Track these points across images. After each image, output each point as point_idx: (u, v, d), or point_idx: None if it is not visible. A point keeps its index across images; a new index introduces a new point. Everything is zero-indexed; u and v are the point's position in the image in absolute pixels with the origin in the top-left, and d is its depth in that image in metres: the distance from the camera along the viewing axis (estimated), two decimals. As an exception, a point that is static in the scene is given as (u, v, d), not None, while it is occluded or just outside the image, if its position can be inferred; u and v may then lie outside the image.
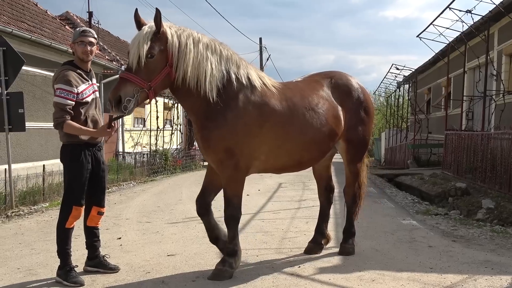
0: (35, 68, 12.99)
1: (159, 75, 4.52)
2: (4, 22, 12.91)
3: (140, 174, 17.16)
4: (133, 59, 4.42)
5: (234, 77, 4.86)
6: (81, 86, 4.83)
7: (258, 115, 4.88)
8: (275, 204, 10.26)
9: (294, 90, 5.28)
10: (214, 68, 4.74)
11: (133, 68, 4.42)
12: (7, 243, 6.78)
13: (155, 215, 8.93)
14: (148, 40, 4.41)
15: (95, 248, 5.20)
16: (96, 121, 4.99)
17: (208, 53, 4.75)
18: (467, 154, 14.07)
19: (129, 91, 4.37)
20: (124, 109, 4.37)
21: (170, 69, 4.58)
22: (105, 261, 5.21)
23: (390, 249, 6.17)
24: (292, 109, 5.09)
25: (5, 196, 10.01)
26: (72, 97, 4.72)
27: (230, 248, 4.98)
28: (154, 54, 4.45)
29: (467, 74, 19.10)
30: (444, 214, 9.31)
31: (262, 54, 40.87)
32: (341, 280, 4.89)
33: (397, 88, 34.89)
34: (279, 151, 5.08)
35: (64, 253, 4.86)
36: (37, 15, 16.96)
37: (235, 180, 4.93)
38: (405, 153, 24.46)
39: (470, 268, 5.33)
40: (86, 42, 4.89)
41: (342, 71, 5.92)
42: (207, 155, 5.03)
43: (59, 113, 4.71)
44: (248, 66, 5.10)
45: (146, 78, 4.44)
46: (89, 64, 5.05)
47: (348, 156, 5.73)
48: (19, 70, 9.63)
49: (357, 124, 5.60)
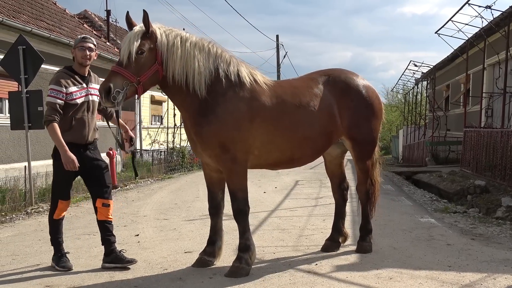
0: (54, 66, 13.10)
1: (148, 71, 4.68)
2: (24, 21, 13.07)
3: (158, 171, 17.25)
4: (124, 55, 4.60)
5: (224, 74, 4.96)
6: (71, 88, 5.15)
7: (248, 110, 4.94)
8: (292, 201, 10.25)
9: (286, 87, 5.35)
10: (201, 65, 4.86)
11: (123, 63, 4.60)
12: (27, 240, 6.87)
13: (172, 212, 8.98)
14: (138, 38, 4.62)
15: (110, 243, 5.32)
16: (83, 123, 5.21)
17: (195, 51, 4.87)
18: (486, 152, 13.89)
19: (118, 84, 4.53)
20: (113, 99, 4.51)
21: (159, 66, 4.74)
22: (121, 256, 5.32)
23: (408, 247, 6.13)
24: (282, 106, 5.14)
25: (25, 193, 10.14)
26: (61, 97, 5.08)
27: (243, 243, 5.01)
28: (144, 51, 4.63)
29: (486, 70, 18.86)
30: (462, 212, 9.23)
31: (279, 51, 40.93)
32: (358, 278, 4.88)
33: (415, 85, 34.63)
34: (271, 147, 5.13)
35: (55, 241, 5.29)
36: (56, 13, 17.14)
37: (236, 173, 4.97)
38: (423, 150, 24.24)
39: (489, 266, 5.27)
40: (86, 47, 5.21)
41: (345, 69, 5.88)
42: (203, 150, 5.07)
43: (50, 111, 5.07)
44: (239, 63, 5.15)
45: (135, 73, 4.61)
46: (87, 69, 5.35)
47: (355, 153, 5.72)
48: (38, 68, 9.74)
49: (360, 122, 5.56)
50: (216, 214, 5.38)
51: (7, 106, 12.21)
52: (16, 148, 12.79)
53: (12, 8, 13.52)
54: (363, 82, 5.73)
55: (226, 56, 5.08)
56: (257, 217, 8.27)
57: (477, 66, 20.07)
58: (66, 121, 5.13)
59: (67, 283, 4.81)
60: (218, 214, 5.39)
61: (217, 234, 5.40)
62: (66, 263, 5.25)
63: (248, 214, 5.07)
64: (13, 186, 10.30)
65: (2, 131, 12.30)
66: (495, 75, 18.39)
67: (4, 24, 11.96)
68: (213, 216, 5.39)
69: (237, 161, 4.93)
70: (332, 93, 5.45)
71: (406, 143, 33.07)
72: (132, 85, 4.60)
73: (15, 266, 5.48)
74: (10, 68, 9.60)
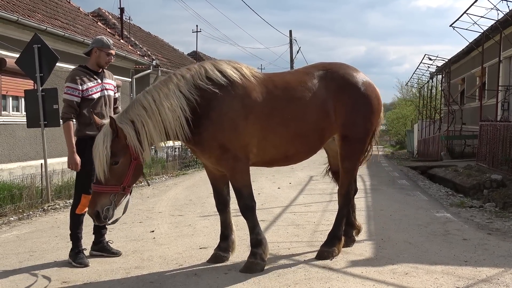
0: (68, 64, 13.21)
1: (128, 172, 4.61)
2: (39, 20, 13.19)
3: (172, 168, 17.34)
4: (99, 172, 4.51)
5: (204, 84, 4.80)
6: (87, 84, 5.37)
7: (241, 107, 4.86)
8: (306, 197, 10.24)
9: (277, 82, 5.18)
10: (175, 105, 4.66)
11: (102, 179, 4.52)
12: (44, 236, 6.95)
13: (187, 208, 9.01)
14: (108, 149, 4.46)
15: (101, 234, 5.72)
16: (102, 117, 5.26)
17: (163, 102, 4.66)
18: (502, 145, 13.75)
19: (105, 202, 4.53)
20: (105, 218, 4.55)
21: (137, 160, 4.63)
22: (108, 246, 5.74)
23: (423, 242, 6.09)
24: (273, 101, 5.02)
25: (41, 190, 10.25)
26: (77, 94, 5.28)
27: (254, 238, 5.01)
28: (117, 161, 4.54)
29: (502, 63, 18.64)
30: (479, 207, 9.14)
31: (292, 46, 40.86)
32: (373, 273, 4.86)
33: (430, 79, 34.35)
34: (265, 143, 5.03)
35: (75, 236, 5.44)
36: (70, 12, 17.27)
37: (238, 171, 4.95)
38: (439, 144, 24.07)
39: (506, 261, 5.21)
40: (112, 54, 5.57)
41: (345, 64, 5.64)
42: (204, 157, 5.10)
43: (66, 109, 5.30)
44: (218, 63, 5.03)
45: (117, 182, 4.57)
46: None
47: (343, 152, 5.41)
48: (53, 66, 9.81)
49: (356, 120, 5.31)
50: (224, 209, 5.39)
51: (23, 105, 12.33)
52: (32, 146, 12.94)
53: (27, 7, 13.65)
54: (363, 78, 5.46)
55: (196, 67, 4.93)
56: (272, 212, 8.27)
57: (493, 59, 19.84)
58: (85, 116, 5.30)
59: (83, 279, 4.86)
60: (226, 209, 5.39)
61: (229, 228, 5.41)
62: (82, 260, 5.34)
63: (255, 209, 5.06)
64: (29, 183, 10.42)
65: (18, 129, 12.44)
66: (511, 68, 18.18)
67: (19, 23, 12.09)
68: (221, 211, 5.40)
69: (239, 159, 4.90)
70: (328, 88, 5.24)
71: (421, 138, 32.83)
72: (119, 194, 4.60)
73: (33, 262, 5.55)
74: (26, 66, 9.68)
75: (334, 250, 5.39)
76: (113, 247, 5.80)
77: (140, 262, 5.40)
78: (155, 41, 29.91)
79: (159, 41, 31.14)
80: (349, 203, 5.63)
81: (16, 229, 7.61)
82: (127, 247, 6.08)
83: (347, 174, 5.50)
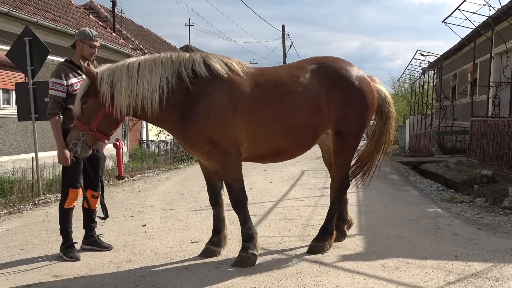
0: (60, 57, 13.09)
1: (96, 117, 4.84)
2: (30, 12, 13.08)
3: (164, 162, 17.32)
4: (75, 108, 4.88)
5: (188, 75, 4.85)
6: (72, 80, 5.37)
7: (228, 101, 4.86)
8: (298, 191, 10.26)
9: (268, 76, 5.14)
10: (154, 81, 4.81)
11: (76, 115, 4.88)
12: (35, 230, 6.92)
13: (178, 203, 9.01)
14: (84, 89, 4.84)
15: (91, 228, 5.73)
16: None
17: (145, 72, 4.83)
18: (493, 141, 13.83)
19: (75, 136, 4.86)
20: (71, 150, 4.92)
21: (107, 109, 4.80)
22: (99, 240, 5.75)
23: (414, 236, 6.13)
24: (263, 95, 5.00)
25: (32, 184, 10.21)
26: (62, 89, 5.33)
27: (245, 232, 5.02)
28: (86, 101, 4.83)
29: (493, 59, 18.72)
30: (469, 202, 9.20)
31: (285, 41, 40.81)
32: (364, 267, 4.88)
33: (422, 75, 34.42)
34: (256, 138, 5.02)
35: (65, 231, 5.42)
36: (62, 5, 17.14)
37: (229, 165, 4.95)
38: (430, 140, 24.16)
39: (496, 256, 5.26)
40: (96, 46, 5.53)
41: (339, 58, 5.58)
42: (197, 153, 5.13)
43: (52, 104, 5.33)
44: (208, 56, 5.03)
45: (86, 122, 4.85)
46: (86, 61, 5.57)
47: (336, 147, 5.36)
48: (44, 59, 9.76)
49: (349, 115, 5.24)
50: (217, 204, 5.40)
51: (14, 98, 12.25)
52: (23, 139, 12.85)
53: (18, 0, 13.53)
54: (357, 73, 5.38)
55: (186, 57, 4.96)
56: (263, 207, 8.29)
57: (484, 55, 19.92)
58: (70, 111, 5.23)
59: (74, 273, 4.85)
60: (219, 204, 5.40)
61: (221, 223, 5.41)
62: (73, 253, 5.34)
63: (246, 203, 5.06)
64: (20, 177, 10.38)
65: (9, 122, 12.36)
66: (503, 64, 18.27)
67: (10, 15, 11.97)
68: (215, 206, 5.41)
69: (229, 153, 4.90)
70: (321, 83, 5.17)
71: (412, 133, 32.96)
72: (89, 134, 4.84)
73: (24, 256, 5.53)
74: (17, 59, 9.63)
75: (326, 245, 5.40)
76: (105, 241, 5.81)
77: (132, 256, 5.40)
78: (147, 34, 29.80)
79: (152, 35, 31.02)
80: (341, 198, 5.62)
81: (7, 223, 7.57)
82: (119, 241, 6.07)
83: (340, 169, 5.49)
